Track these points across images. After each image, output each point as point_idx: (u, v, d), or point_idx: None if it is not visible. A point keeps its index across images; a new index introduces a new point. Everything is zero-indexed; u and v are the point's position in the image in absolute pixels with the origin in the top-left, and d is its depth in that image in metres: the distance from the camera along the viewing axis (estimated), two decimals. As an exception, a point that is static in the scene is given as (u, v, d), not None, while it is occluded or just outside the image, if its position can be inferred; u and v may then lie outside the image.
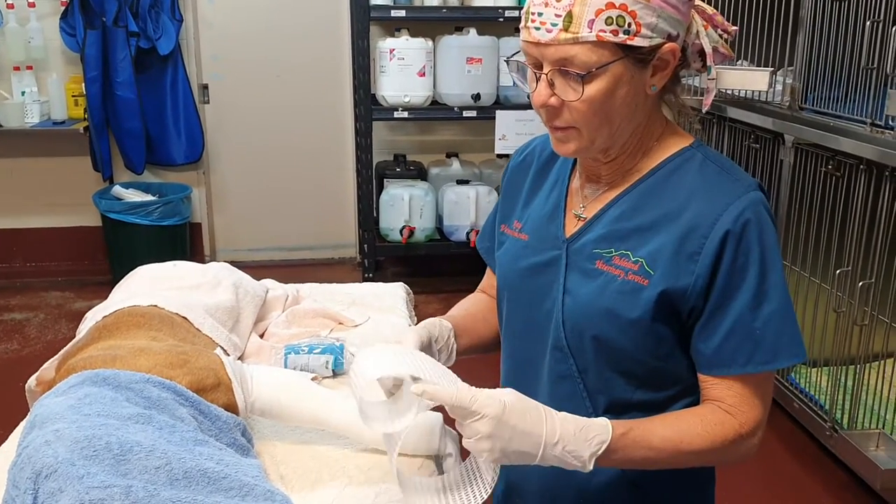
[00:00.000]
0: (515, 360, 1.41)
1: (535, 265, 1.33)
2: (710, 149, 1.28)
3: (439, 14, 4.57)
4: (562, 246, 1.30)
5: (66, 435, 1.20)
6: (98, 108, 4.54)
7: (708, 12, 1.23)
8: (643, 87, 1.19)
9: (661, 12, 1.13)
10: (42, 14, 4.56)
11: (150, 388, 1.38)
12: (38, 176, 4.89)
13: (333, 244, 5.33)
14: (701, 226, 1.18)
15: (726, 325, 1.18)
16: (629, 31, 1.12)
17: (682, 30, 1.18)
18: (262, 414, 1.55)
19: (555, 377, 1.31)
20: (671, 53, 1.16)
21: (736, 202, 1.17)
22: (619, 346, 1.23)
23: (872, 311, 2.94)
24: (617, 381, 1.26)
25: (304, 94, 5.09)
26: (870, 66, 2.82)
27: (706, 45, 1.21)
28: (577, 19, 1.12)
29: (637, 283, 1.20)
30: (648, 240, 1.21)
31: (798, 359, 1.20)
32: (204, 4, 4.89)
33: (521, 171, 1.44)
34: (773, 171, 3.41)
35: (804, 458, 3.19)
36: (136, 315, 1.64)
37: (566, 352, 1.28)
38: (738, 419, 1.20)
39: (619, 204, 1.27)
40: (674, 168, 1.25)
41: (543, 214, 1.35)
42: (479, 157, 5.19)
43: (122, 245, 4.66)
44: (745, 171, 1.25)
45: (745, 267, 1.17)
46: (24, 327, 4.34)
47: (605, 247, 1.25)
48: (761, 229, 1.17)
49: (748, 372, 1.19)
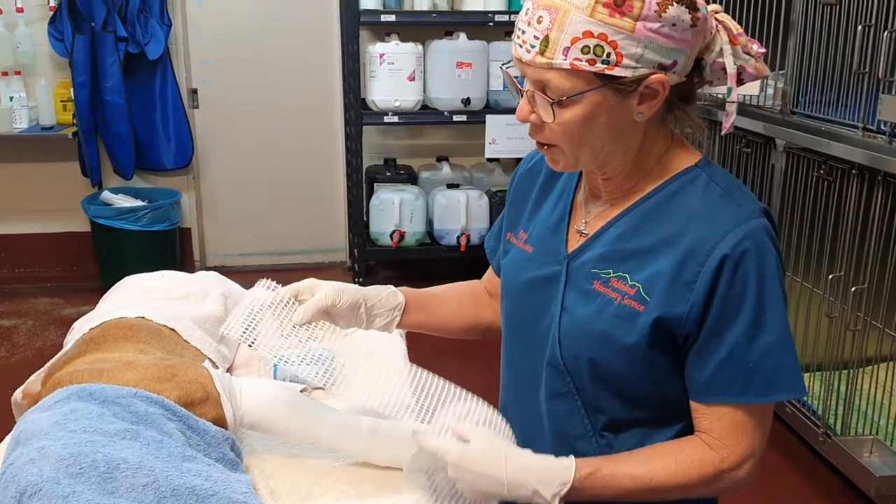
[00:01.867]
0: (515, 373, 1.40)
1: (537, 279, 1.32)
2: (717, 168, 1.24)
3: (429, 19, 4.56)
4: (563, 262, 1.28)
5: (52, 452, 1.18)
6: (87, 113, 4.51)
7: (733, 30, 1.18)
8: (629, 115, 1.15)
9: (649, 43, 1.09)
10: (30, 19, 4.52)
11: (138, 403, 1.36)
12: (27, 181, 4.85)
13: (324, 248, 5.31)
14: (698, 252, 1.15)
15: (721, 355, 1.16)
16: (608, 61, 1.09)
17: (683, 56, 1.13)
18: (252, 427, 1.53)
19: (551, 393, 1.30)
20: (660, 83, 1.12)
21: (736, 229, 1.14)
22: (615, 369, 1.21)
23: (865, 316, 2.93)
24: (614, 401, 1.25)
25: (294, 98, 5.07)
26: (861, 70, 2.81)
27: (729, 65, 1.17)
28: (552, 45, 1.09)
29: (633, 308, 1.18)
30: (647, 264, 1.19)
31: (795, 394, 1.17)
32: (193, 9, 4.87)
33: (529, 179, 1.43)
34: (765, 176, 3.41)
35: (798, 464, 3.18)
36: (124, 327, 1.62)
37: (562, 370, 1.27)
38: (720, 453, 1.18)
39: (619, 223, 1.24)
40: (677, 189, 1.21)
41: (548, 227, 1.34)
42: (470, 161, 5.18)
43: (112, 251, 4.63)
44: (751, 193, 1.21)
45: (742, 296, 1.14)
46: (12, 334, 4.30)
47: (603, 267, 1.23)
48: (761, 258, 1.14)
49: (741, 402, 1.17)
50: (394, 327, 1.49)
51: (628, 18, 1.07)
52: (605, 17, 1.07)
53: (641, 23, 1.08)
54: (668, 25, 1.09)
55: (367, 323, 1.46)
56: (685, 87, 1.19)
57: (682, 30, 1.10)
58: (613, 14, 1.07)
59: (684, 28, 1.10)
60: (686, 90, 1.20)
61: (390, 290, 1.48)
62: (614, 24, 1.07)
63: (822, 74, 3.07)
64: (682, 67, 1.14)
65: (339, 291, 1.43)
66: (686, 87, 1.19)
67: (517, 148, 4.66)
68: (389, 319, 1.47)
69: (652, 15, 1.08)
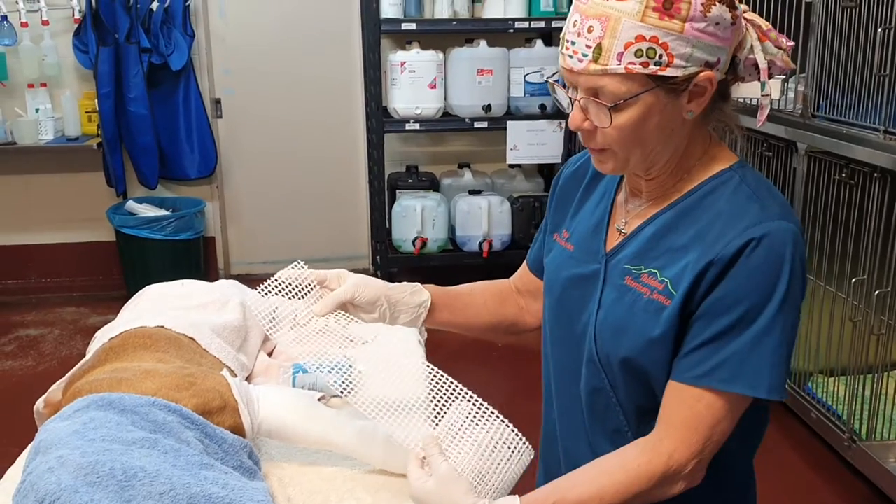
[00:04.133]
0: (558, 368, 1.43)
1: (577, 276, 1.35)
2: (751, 171, 1.26)
3: (450, 27, 4.57)
4: (601, 260, 1.32)
5: (70, 461, 1.20)
6: (111, 123, 4.55)
7: (763, 28, 1.22)
8: (679, 114, 1.19)
9: (696, 42, 1.13)
10: (55, 32, 4.58)
11: (156, 412, 1.38)
12: (53, 192, 4.91)
13: (346, 256, 5.32)
14: (715, 247, 1.17)
15: (703, 338, 1.18)
16: (660, 62, 1.13)
17: (724, 54, 1.17)
18: (270, 435, 1.54)
19: (590, 389, 1.33)
20: (708, 81, 1.16)
21: (755, 227, 1.16)
22: (645, 366, 1.24)
23: (889, 320, 2.91)
24: (647, 397, 1.27)
25: (317, 107, 5.09)
26: (882, 72, 2.79)
27: (760, 61, 1.20)
28: (606, 51, 1.13)
29: (660, 302, 1.21)
30: (677, 260, 1.21)
31: (756, 392, 1.16)
32: (216, 20, 4.91)
33: (574, 181, 1.46)
34: (787, 180, 3.38)
35: (822, 469, 3.15)
36: (143, 336, 1.64)
37: (598, 366, 1.30)
38: (669, 446, 1.18)
39: (656, 222, 1.27)
40: (710, 190, 1.24)
41: (589, 226, 1.37)
42: (491, 168, 5.18)
43: (137, 260, 4.68)
44: (782, 198, 1.23)
45: (743, 290, 1.15)
46: (39, 343, 4.35)
47: (636, 263, 1.26)
48: (774, 257, 1.15)
49: (702, 385, 1.17)
50: (419, 324, 1.52)
51: (677, 20, 1.12)
52: (655, 21, 1.11)
53: (689, 23, 1.12)
54: (713, 24, 1.13)
55: (390, 319, 1.49)
56: (723, 85, 1.23)
57: (724, 28, 1.15)
58: (663, 17, 1.11)
59: (726, 26, 1.15)
60: (724, 88, 1.23)
61: (416, 288, 1.52)
62: (664, 26, 1.12)
63: (842, 77, 3.05)
64: (724, 65, 1.18)
65: (360, 286, 1.46)
66: (724, 85, 1.23)
67: (538, 154, 4.66)
68: (414, 316, 1.50)
69: (698, 15, 1.12)
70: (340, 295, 1.45)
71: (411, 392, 1.50)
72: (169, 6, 4.60)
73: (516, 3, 4.56)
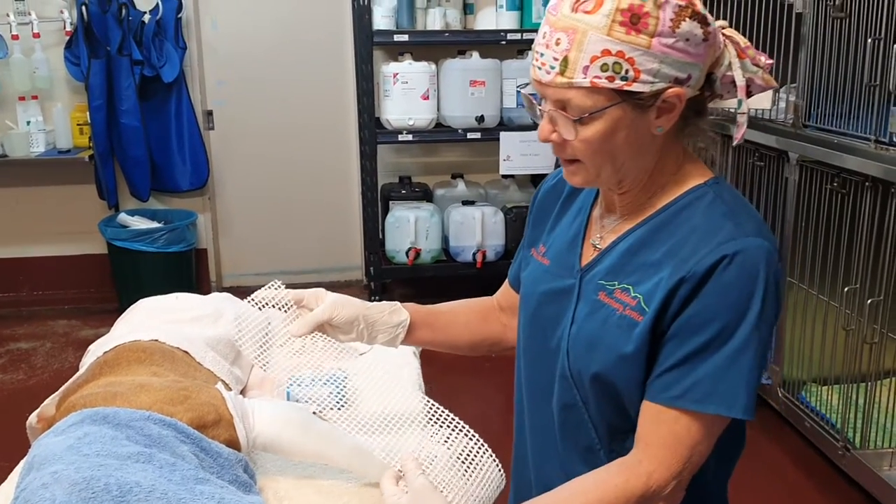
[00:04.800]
0: (530, 383, 1.41)
1: (552, 291, 1.34)
2: (727, 187, 1.25)
3: (442, 38, 4.59)
4: (576, 275, 1.31)
5: (64, 477, 1.19)
6: (103, 136, 4.55)
7: (742, 44, 1.20)
8: (648, 129, 1.17)
9: (665, 58, 1.12)
10: (47, 44, 4.58)
11: (151, 426, 1.37)
12: (44, 205, 4.90)
13: (340, 267, 5.32)
14: (688, 263, 1.16)
15: (677, 356, 1.16)
16: (627, 77, 1.11)
17: (696, 70, 1.15)
18: (265, 449, 1.53)
19: (562, 405, 1.31)
20: (676, 97, 1.15)
21: (728, 243, 1.14)
22: (617, 383, 1.22)
23: (882, 328, 2.91)
24: (618, 415, 1.26)
25: (309, 118, 5.10)
26: (872, 83, 2.81)
27: (738, 78, 1.19)
28: (572, 64, 1.12)
29: (632, 318, 1.20)
30: (651, 276, 1.20)
31: (732, 412, 1.15)
32: (208, 32, 4.92)
33: (552, 196, 1.45)
34: (779, 190, 3.40)
35: (817, 478, 3.15)
36: (137, 350, 1.63)
37: (570, 381, 1.28)
38: (648, 467, 1.16)
39: (630, 237, 1.26)
40: (684, 206, 1.23)
41: (565, 241, 1.37)
42: (484, 178, 5.19)
43: (129, 272, 4.67)
44: (758, 217, 1.21)
45: (717, 308, 1.14)
46: (30, 356, 4.33)
47: (610, 279, 1.25)
48: (747, 275, 1.13)
49: (679, 407, 1.16)
50: (398, 343, 1.50)
51: (644, 35, 1.10)
52: (621, 35, 1.10)
53: (657, 39, 1.11)
54: (682, 40, 1.12)
55: (368, 338, 1.48)
56: (698, 102, 1.21)
57: (695, 44, 1.13)
58: (630, 32, 1.10)
59: (697, 42, 1.13)
60: (699, 104, 1.22)
61: (395, 307, 1.49)
62: (631, 41, 1.10)
63: (833, 87, 3.07)
64: (696, 81, 1.17)
65: (337, 305, 1.45)
66: (699, 102, 1.22)
67: (531, 164, 4.67)
68: (392, 336, 1.49)
69: (666, 31, 1.11)
70: (318, 315, 1.44)
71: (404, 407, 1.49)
72: (161, 18, 4.60)
73: (508, 15, 4.58)
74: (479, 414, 3.44)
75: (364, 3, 4.42)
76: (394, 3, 4.50)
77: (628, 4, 1.09)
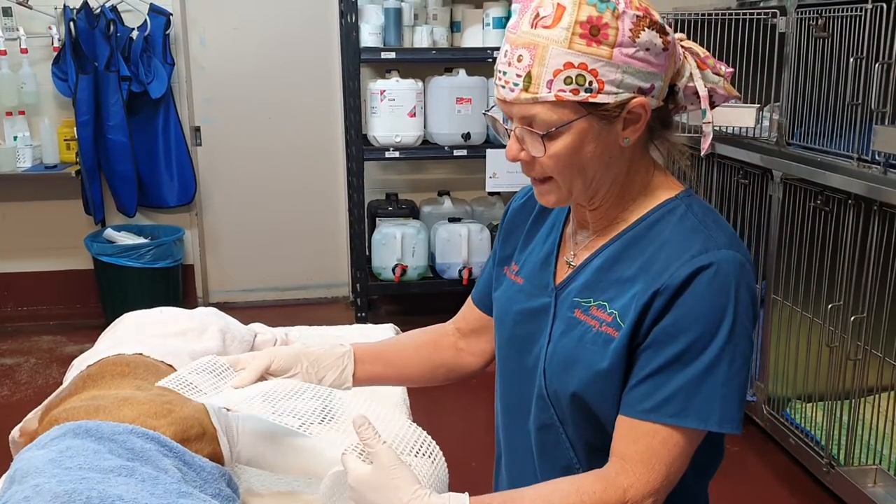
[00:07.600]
0: (506, 405, 1.41)
1: (528, 311, 1.33)
2: (697, 200, 1.25)
3: (429, 55, 4.61)
4: (551, 293, 1.31)
5: (46, 490, 1.19)
6: (90, 151, 4.54)
7: (701, 55, 1.22)
8: (616, 141, 1.18)
9: (627, 68, 1.12)
10: (34, 60, 4.58)
11: (134, 440, 1.36)
12: (30, 220, 4.89)
13: (326, 284, 5.32)
14: (661, 277, 1.16)
15: (650, 368, 1.15)
16: (591, 89, 1.12)
17: (659, 80, 1.16)
18: (249, 463, 1.53)
19: (539, 425, 1.31)
20: (641, 107, 1.15)
21: (699, 256, 1.15)
22: (594, 400, 1.22)
23: (865, 345, 2.93)
24: (595, 434, 1.25)
25: (296, 135, 5.11)
26: (854, 101, 2.84)
27: (700, 89, 1.20)
28: (535, 80, 1.13)
29: (608, 334, 1.19)
30: (625, 292, 1.20)
31: (708, 426, 1.14)
32: (196, 48, 4.93)
33: (522, 213, 1.45)
34: (763, 207, 3.42)
35: (801, 494, 3.16)
36: (121, 364, 1.63)
37: (547, 401, 1.28)
38: (626, 481, 1.15)
39: (603, 253, 1.26)
40: (655, 220, 1.23)
41: (538, 260, 1.36)
42: (471, 195, 5.20)
43: (115, 288, 4.65)
44: (730, 229, 1.21)
45: (690, 320, 1.13)
46: (14, 372, 4.31)
47: (585, 296, 1.25)
48: (719, 287, 1.13)
49: (654, 421, 1.15)
50: (349, 383, 1.50)
51: (605, 46, 1.11)
52: (582, 48, 1.11)
53: (618, 49, 1.12)
54: (643, 50, 1.13)
55: (316, 377, 1.48)
56: (663, 113, 1.23)
57: (655, 54, 1.14)
58: (591, 43, 1.11)
59: (657, 52, 1.14)
60: (664, 116, 1.24)
61: (336, 343, 1.51)
62: (592, 52, 1.11)
63: (816, 106, 3.10)
64: (659, 91, 1.18)
65: (273, 353, 1.47)
66: (664, 113, 1.23)
67: (518, 181, 4.67)
68: (340, 370, 1.49)
69: (626, 41, 1.12)
70: (257, 365, 1.45)
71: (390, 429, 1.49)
72: (149, 34, 4.61)
73: (495, 33, 4.60)
74: (466, 430, 3.44)
75: (351, 20, 4.44)
76: (381, 20, 4.52)
77: (587, 17, 1.10)
